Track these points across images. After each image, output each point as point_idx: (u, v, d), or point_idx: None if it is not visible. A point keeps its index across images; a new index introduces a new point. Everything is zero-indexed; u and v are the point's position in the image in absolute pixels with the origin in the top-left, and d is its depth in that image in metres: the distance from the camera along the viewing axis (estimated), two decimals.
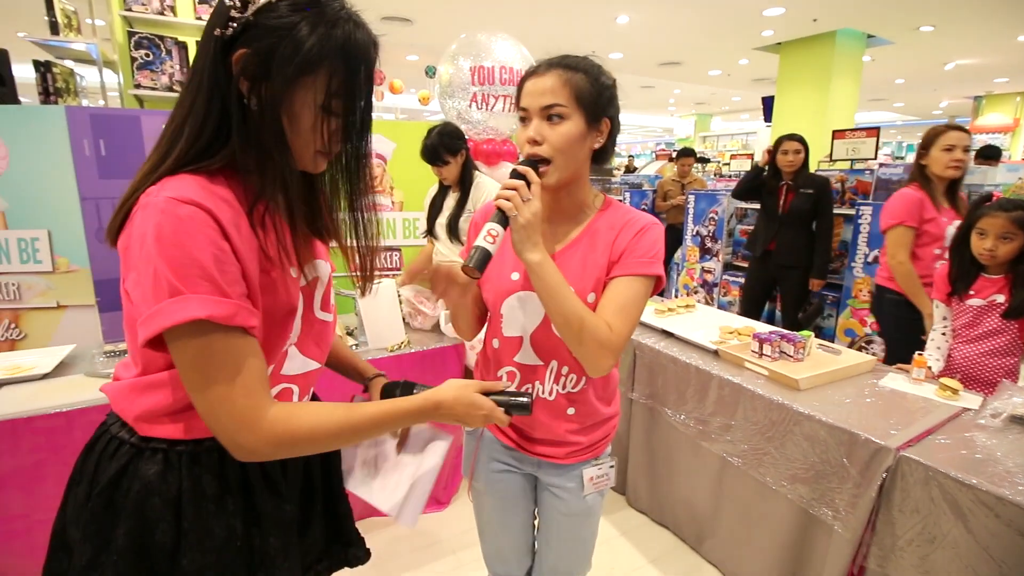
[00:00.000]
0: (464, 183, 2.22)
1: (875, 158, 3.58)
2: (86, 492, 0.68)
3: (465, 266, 0.84)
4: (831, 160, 4.10)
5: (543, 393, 1.02)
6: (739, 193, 3.42)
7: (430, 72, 5.15)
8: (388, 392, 0.90)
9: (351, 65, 0.66)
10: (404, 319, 2.09)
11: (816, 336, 1.93)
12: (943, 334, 1.86)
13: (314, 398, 0.87)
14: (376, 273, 0.83)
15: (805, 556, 1.50)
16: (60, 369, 1.68)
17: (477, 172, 2.27)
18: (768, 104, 8.95)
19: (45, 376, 1.62)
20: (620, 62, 9.27)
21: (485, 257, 0.83)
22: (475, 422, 0.80)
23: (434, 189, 2.43)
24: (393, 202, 3.51)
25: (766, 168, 3.24)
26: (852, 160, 3.74)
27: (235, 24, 0.62)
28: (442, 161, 2.17)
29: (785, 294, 3.30)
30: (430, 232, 2.37)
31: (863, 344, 3.15)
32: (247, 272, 0.64)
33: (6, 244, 2.64)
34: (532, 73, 0.93)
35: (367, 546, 0.97)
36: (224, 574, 0.69)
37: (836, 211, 3.36)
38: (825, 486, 1.40)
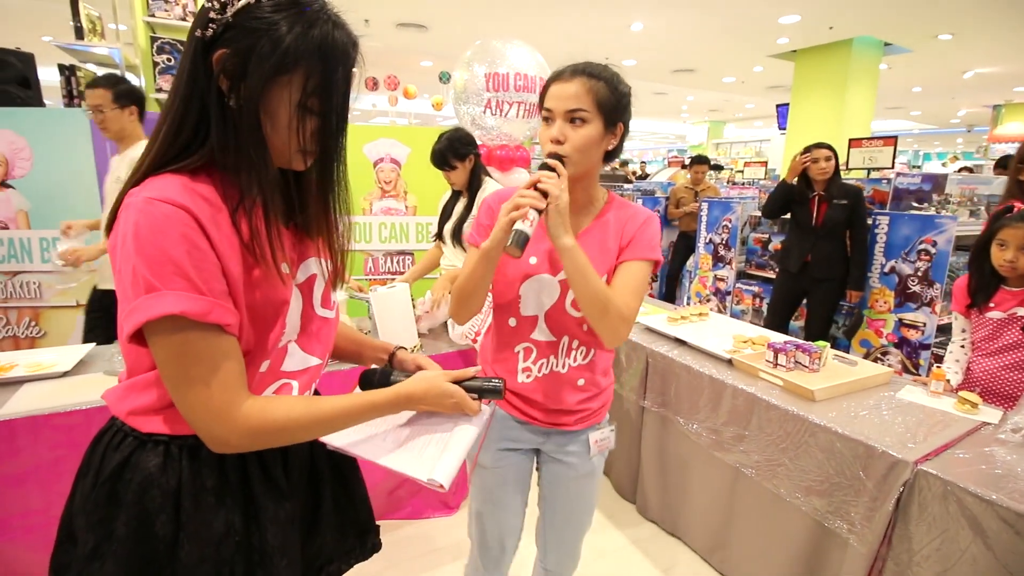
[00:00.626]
0: (472, 189, 2.23)
1: (892, 167, 3.54)
2: (91, 483, 0.70)
3: (508, 247, 0.92)
4: (847, 169, 4.07)
5: (557, 367, 1.12)
6: (771, 212, 3.33)
7: (444, 78, 5.18)
8: (366, 380, 0.89)
9: (328, 65, 0.67)
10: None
11: (831, 347, 1.91)
12: (962, 347, 1.84)
13: (316, 394, 0.88)
14: (389, 277, 0.84)
15: (819, 569, 1.48)
16: (79, 367, 1.71)
17: (486, 178, 2.27)
18: (783, 112, 8.91)
19: (65, 374, 1.65)
20: (633, 69, 9.28)
21: (525, 239, 0.92)
22: (447, 411, 0.84)
23: (447, 194, 2.45)
24: (407, 206, 3.54)
25: (795, 181, 3.15)
26: (868, 169, 3.71)
27: (215, 25, 0.64)
28: (449, 166, 2.19)
29: (813, 307, 3.23)
30: (439, 236, 2.38)
31: (879, 355, 3.11)
32: (227, 270, 0.65)
33: (28, 243, 2.71)
34: (558, 78, 1.02)
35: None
36: (222, 568, 0.70)
37: None
38: (840, 499, 1.38)
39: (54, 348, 1.83)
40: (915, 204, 3.22)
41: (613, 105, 1.01)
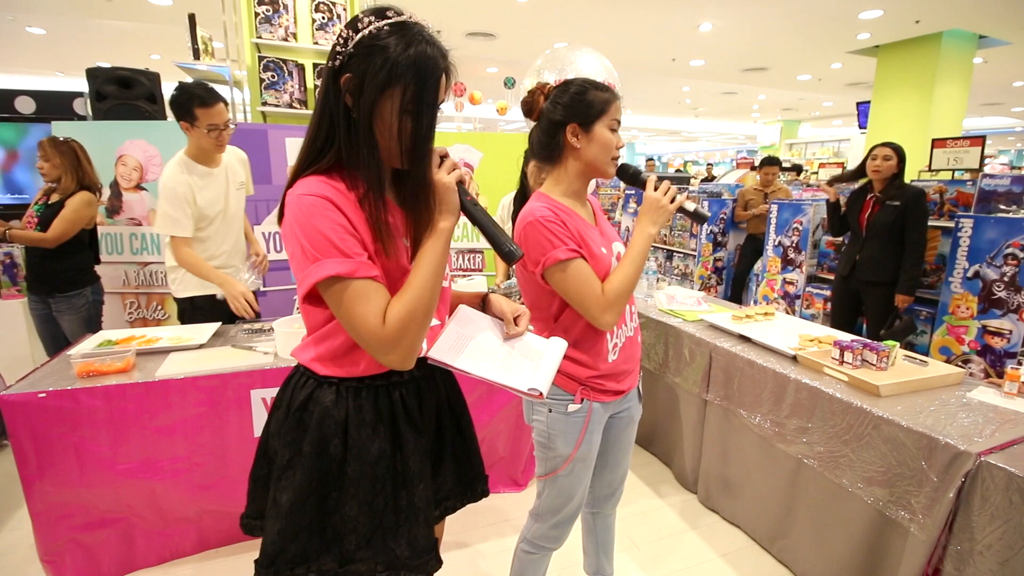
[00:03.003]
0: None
1: (979, 168, 3.38)
2: (284, 413, 0.93)
3: (702, 214, 1.27)
4: (930, 170, 3.90)
5: (628, 332, 1.33)
6: (833, 230, 3.41)
7: (509, 83, 5.37)
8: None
9: (422, 77, 0.82)
10: None
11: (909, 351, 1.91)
12: None
13: None
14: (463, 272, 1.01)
15: (878, 558, 1.52)
16: (212, 341, 2.01)
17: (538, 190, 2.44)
18: (863, 110, 8.48)
19: (201, 346, 1.95)
20: (701, 69, 9.14)
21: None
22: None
23: (510, 196, 2.62)
24: None
25: (839, 200, 3.25)
26: (954, 170, 3.55)
27: (341, 56, 0.82)
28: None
29: (869, 312, 3.18)
30: None
31: (960, 363, 2.99)
32: (364, 241, 0.83)
33: (157, 239, 3.12)
34: (617, 98, 1.24)
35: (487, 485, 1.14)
36: (376, 483, 0.90)
37: (934, 224, 3.22)
38: (903, 489, 1.42)
39: (189, 325, 2.15)
40: (1002, 207, 3.07)
41: None
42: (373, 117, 0.83)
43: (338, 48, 0.83)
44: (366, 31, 0.81)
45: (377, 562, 0.91)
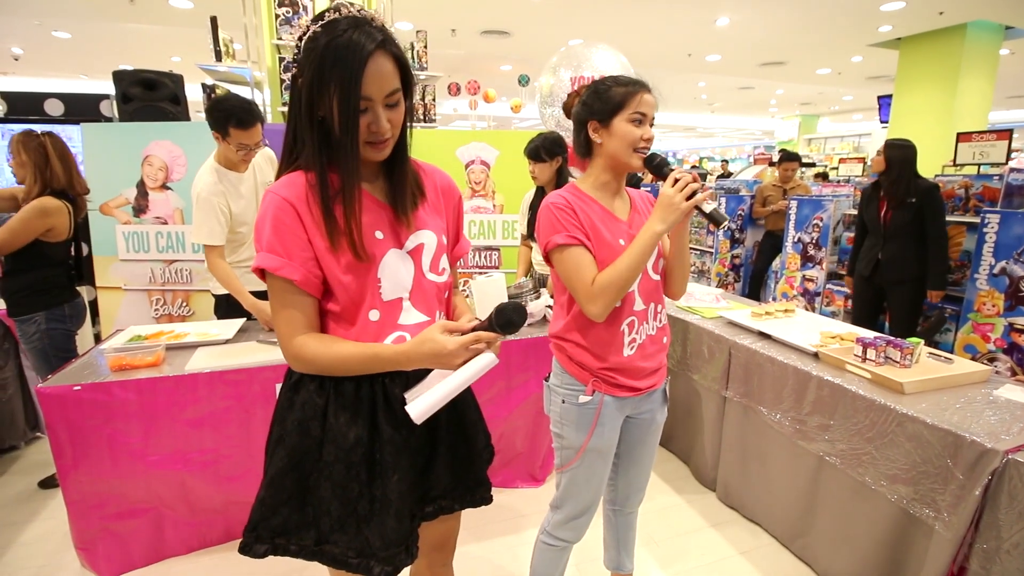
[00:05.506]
0: (557, 187, 2.42)
1: (1007, 162, 3.31)
2: (282, 391, 1.00)
3: (720, 219, 1.18)
4: (955, 165, 3.83)
5: (650, 331, 1.32)
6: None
7: (523, 81, 5.38)
8: None
9: (344, 63, 0.81)
10: None
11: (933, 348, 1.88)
12: None
13: None
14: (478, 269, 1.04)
15: (902, 556, 1.51)
16: (238, 336, 2.06)
17: (572, 180, 2.46)
18: (885, 104, 8.33)
19: (227, 341, 1.99)
20: (718, 64, 9.05)
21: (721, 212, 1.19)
22: (451, 358, 0.86)
23: (531, 193, 2.65)
24: (494, 205, 3.76)
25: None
26: (980, 165, 3.48)
27: (295, 63, 0.87)
28: (540, 158, 2.47)
29: (895, 311, 3.14)
30: (531, 236, 2.58)
31: (985, 361, 2.94)
32: (313, 238, 0.88)
33: (182, 236, 3.19)
34: (646, 89, 1.23)
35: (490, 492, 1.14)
36: (350, 469, 0.93)
37: (959, 219, 3.16)
38: (927, 487, 1.41)
39: (216, 321, 2.20)
40: None
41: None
42: (323, 114, 0.85)
43: (293, 54, 0.88)
44: (308, 32, 0.84)
45: (349, 547, 0.94)
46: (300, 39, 0.86)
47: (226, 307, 2.25)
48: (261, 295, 2.22)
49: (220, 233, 2.08)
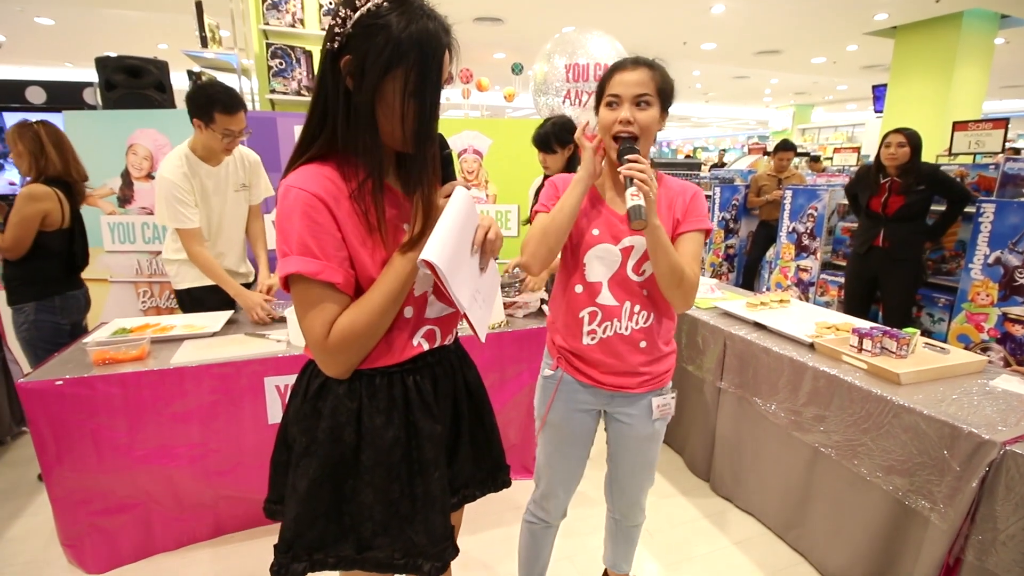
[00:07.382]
0: None
1: (1002, 152, 3.30)
2: (301, 400, 0.92)
3: (633, 222, 1.04)
4: (950, 154, 3.81)
5: (620, 329, 1.23)
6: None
7: (516, 69, 5.30)
8: None
9: (426, 55, 0.78)
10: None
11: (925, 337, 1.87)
12: None
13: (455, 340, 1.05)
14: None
15: (897, 547, 1.50)
16: (224, 329, 2.01)
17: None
18: (880, 93, 8.31)
19: (214, 334, 1.95)
20: (713, 52, 8.98)
21: (643, 211, 1.05)
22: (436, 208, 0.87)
23: (539, 180, 2.57)
24: (487, 195, 3.72)
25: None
26: (975, 154, 3.47)
27: (340, 37, 0.78)
28: (551, 149, 2.32)
29: (887, 293, 3.15)
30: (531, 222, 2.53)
31: (978, 351, 2.94)
32: (347, 236, 0.81)
33: (163, 232, 3.13)
34: (621, 68, 1.15)
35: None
36: (391, 471, 0.90)
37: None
38: (923, 478, 1.40)
39: (202, 313, 2.16)
40: None
41: (667, 92, 1.17)
42: (376, 100, 0.80)
43: (336, 29, 0.79)
44: (364, 8, 0.77)
45: (395, 549, 0.91)
46: (340, 14, 0.78)
47: (190, 303, 2.14)
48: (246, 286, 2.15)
49: (191, 216, 1.97)
